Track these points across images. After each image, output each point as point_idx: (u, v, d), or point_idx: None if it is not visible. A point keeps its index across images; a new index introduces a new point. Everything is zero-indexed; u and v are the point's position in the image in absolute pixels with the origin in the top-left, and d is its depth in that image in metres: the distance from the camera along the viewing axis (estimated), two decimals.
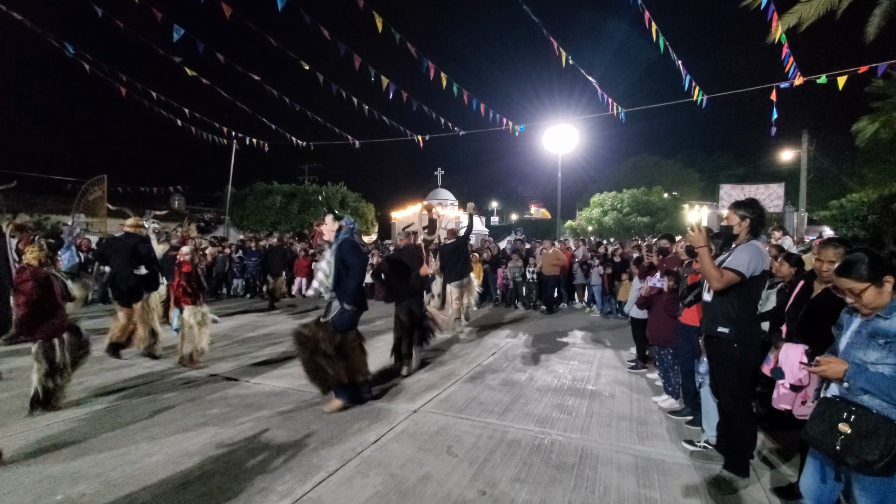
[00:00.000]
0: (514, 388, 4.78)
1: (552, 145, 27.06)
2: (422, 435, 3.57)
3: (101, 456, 3.14)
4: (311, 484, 2.82)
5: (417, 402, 4.30)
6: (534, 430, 3.72)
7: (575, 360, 6.02)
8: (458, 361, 5.83)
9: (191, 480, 2.84)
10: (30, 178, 20.71)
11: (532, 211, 52.15)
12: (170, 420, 3.79)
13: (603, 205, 28.86)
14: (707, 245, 2.93)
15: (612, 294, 9.80)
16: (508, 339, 7.24)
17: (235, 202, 22.34)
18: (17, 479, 2.83)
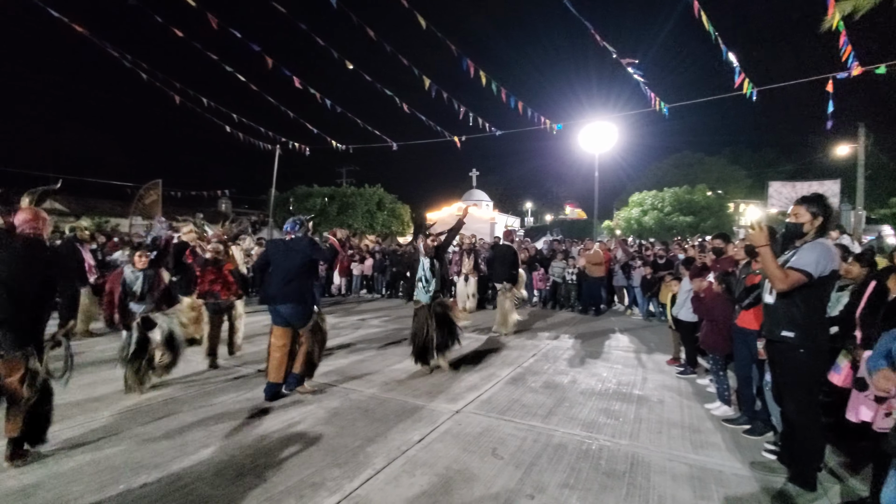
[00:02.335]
0: (557, 391, 4.68)
1: (589, 144, 26.52)
2: (465, 436, 3.54)
3: (159, 446, 3.29)
4: (359, 481, 2.85)
5: (459, 402, 4.28)
6: (580, 434, 3.63)
7: (619, 364, 5.84)
8: (498, 362, 5.77)
9: (244, 473, 2.93)
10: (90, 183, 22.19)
11: (567, 211, 51.27)
12: (222, 413, 3.94)
13: (642, 204, 28.02)
14: (769, 244, 2.77)
15: (655, 296, 9.46)
16: (548, 341, 7.12)
17: (278, 205, 23.10)
18: (81, 468, 3.00)
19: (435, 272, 5.38)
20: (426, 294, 5.35)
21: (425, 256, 5.45)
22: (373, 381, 4.93)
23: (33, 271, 3.04)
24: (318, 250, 4.38)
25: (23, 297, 2.96)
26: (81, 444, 3.31)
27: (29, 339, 3.01)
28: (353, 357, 5.93)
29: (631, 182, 36.41)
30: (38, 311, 3.10)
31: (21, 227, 3.09)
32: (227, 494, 2.68)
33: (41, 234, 3.19)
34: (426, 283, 5.35)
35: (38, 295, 3.08)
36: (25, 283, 2.98)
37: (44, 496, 2.65)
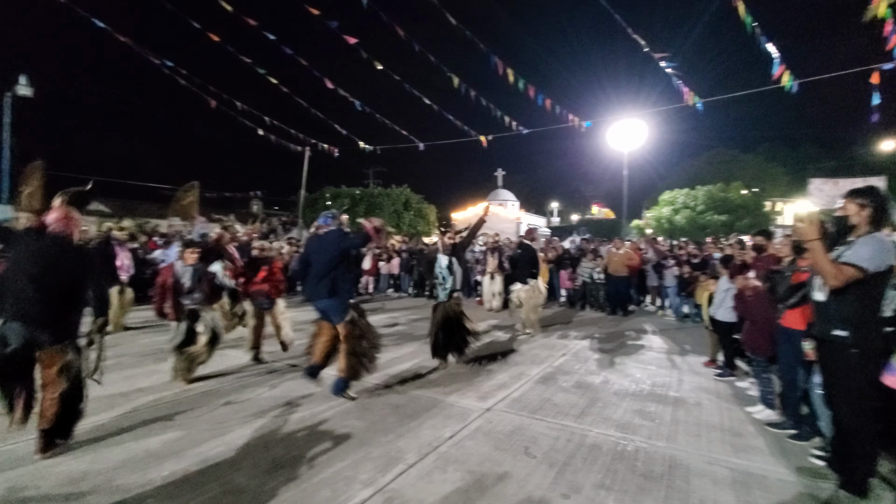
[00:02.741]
0: (589, 391, 4.59)
1: (618, 141, 25.98)
2: (497, 434, 3.51)
3: (198, 436, 3.39)
4: (392, 475, 2.86)
5: (489, 400, 4.25)
6: (615, 435, 3.54)
7: (653, 365, 5.69)
8: (527, 361, 5.70)
9: (279, 464, 2.99)
10: (131, 186, 23.18)
11: (594, 211, 50.37)
12: (257, 405, 4.03)
13: (674, 203, 27.22)
14: (820, 238, 2.63)
15: (689, 296, 9.17)
16: (578, 341, 6.99)
17: (308, 205, 23.56)
18: (126, 455, 3.11)
19: (452, 270, 5.35)
20: (443, 292, 5.35)
21: (443, 254, 5.44)
22: (401, 377, 4.95)
23: (63, 269, 3.12)
24: (348, 238, 4.35)
25: (53, 293, 3.03)
26: (126, 432, 3.44)
27: (65, 334, 3.10)
28: (383, 353, 5.95)
29: (661, 180, 35.45)
30: (71, 307, 3.18)
31: (52, 226, 3.18)
32: (264, 484, 2.74)
33: (71, 233, 3.27)
34: (443, 281, 5.35)
35: (70, 292, 3.15)
36: (55, 280, 3.05)
37: (92, 482, 2.76)
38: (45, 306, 2.99)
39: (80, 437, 3.31)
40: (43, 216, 3.24)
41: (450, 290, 5.32)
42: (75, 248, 3.34)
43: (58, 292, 3.07)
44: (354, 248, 4.51)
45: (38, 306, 2.97)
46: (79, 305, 3.25)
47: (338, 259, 4.24)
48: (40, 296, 2.98)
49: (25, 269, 3.01)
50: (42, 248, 3.09)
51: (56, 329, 3.05)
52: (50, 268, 3.05)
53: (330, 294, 4.21)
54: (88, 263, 3.43)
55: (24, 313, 2.95)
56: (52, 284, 3.04)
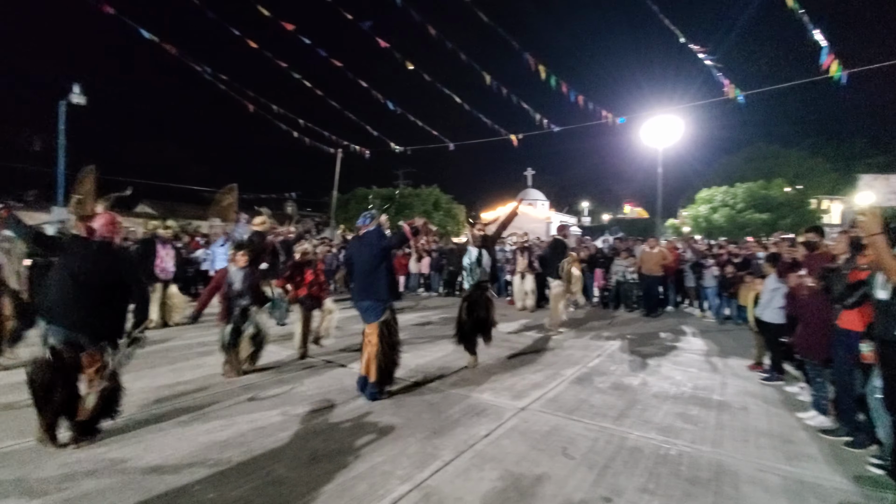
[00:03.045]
0: (627, 393, 4.47)
1: (652, 138, 25.26)
2: (533, 433, 3.46)
3: (240, 428, 3.49)
4: (429, 472, 2.86)
5: (524, 399, 4.19)
6: (657, 438, 3.43)
7: (693, 368, 5.49)
8: (561, 362, 5.61)
9: (318, 458, 3.04)
10: (175, 189, 24.23)
11: (626, 210, 49.17)
12: (296, 400, 4.11)
13: (712, 201, 26.25)
14: (883, 232, 2.47)
15: (732, 297, 8.81)
16: (613, 342, 6.83)
17: (339, 206, 23.98)
18: (173, 443, 3.23)
19: (481, 262, 5.31)
20: (470, 283, 5.33)
21: (472, 246, 5.41)
22: (434, 375, 4.95)
23: (107, 274, 3.23)
24: (385, 238, 4.38)
25: (96, 298, 3.14)
26: (172, 421, 3.58)
27: (105, 335, 3.20)
28: (415, 352, 5.99)
29: (698, 178, 34.20)
30: (112, 311, 3.28)
31: (100, 231, 3.32)
32: (303, 476, 2.79)
33: (115, 237, 3.41)
34: (470, 272, 5.32)
35: (112, 296, 3.26)
36: (99, 285, 3.17)
37: (142, 469, 2.88)
38: (87, 311, 3.10)
39: (129, 426, 3.48)
40: (90, 222, 3.38)
41: (477, 281, 5.29)
42: (119, 253, 3.48)
43: (100, 297, 3.16)
44: (392, 249, 4.48)
45: (81, 311, 3.08)
46: (120, 308, 3.34)
47: (377, 259, 4.23)
48: (83, 301, 3.09)
49: (72, 276, 3.11)
50: (88, 255, 3.21)
51: (96, 331, 3.15)
52: (95, 274, 3.16)
53: (370, 294, 4.22)
54: (131, 267, 3.53)
55: (68, 317, 3.07)
56: (95, 290, 3.14)
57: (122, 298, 3.35)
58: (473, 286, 5.25)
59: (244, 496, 2.57)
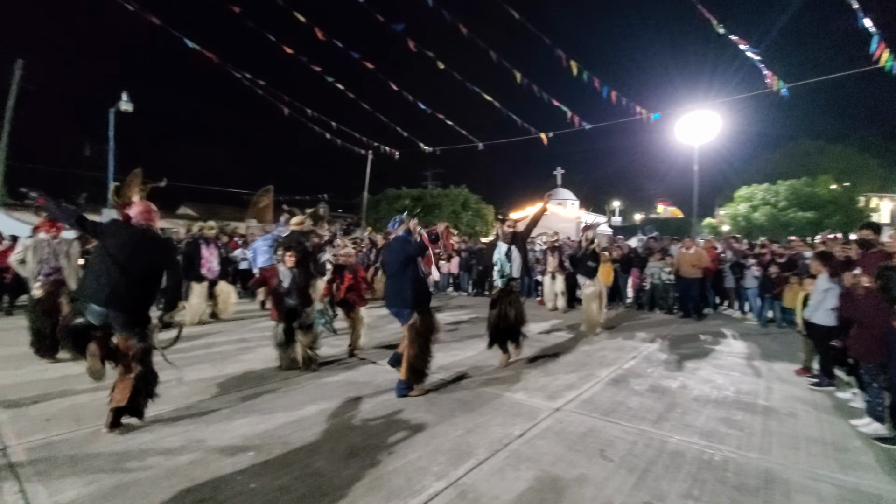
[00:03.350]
0: (665, 396, 4.34)
1: (688, 135, 24.49)
2: (569, 434, 3.40)
3: (281, 421, 3.58)
4: (464, 469, 2.85)
5: (558, 400, 4.13)
6: (699, 443, 3.31)
7: (736, 371, 5.27)
8: (595, 363, 5.50)
9: (355, 452, 3.07)
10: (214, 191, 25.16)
11: (659, 210, 47.82)
12: (332, 395, 4.19)
13: (752, 199, 25.24)
14: None
15: (776, 298, 8.42)
16: (648, 344, 6.64)
17: (370, 207, 24.29)
18: (216, 435, 3.34)
19: (511, 258, 5.25)
20: (500, 279, 5.28)
21: (502, 242, 5.36)
22: (467, 374, 4.94)
23: (145, 258, 3.34)
24: (409, 244, 4.36)
25: (135, 280, 3.25)
26: (214, 414, 3.71)
27: (140, 319, 3.31)
28: (446, 350, 5.99)
29: (736, 175, 32.88)
30: (148, 295, 3.39)
31: (136, 218, 3.43)
32: (341, 469, 2.83)
33: (152, 224, 3.52)
34: (501, 268, 5.26)
35: (149, 281, 3.38)
36: (137, 267, 3.27)
37: (187, 457, 2.99)
38: (126, 293, 3.20)
39: (174, 417, 3.62)
40: (127, 209, 3.49)
41: (508, 278, 5.24)
42: (156, 239, 3.57)
43: (138, 281, 3.27)
44: (413, 256, 4.34)
45: (120, 292, 3.18)
46: (154, 293, 3.46)
47: (402, 265, 4.26)
48: (122, 283, 3.19)
49: (112, 258, 3.22)
50: (127, 239, 3.32)
51: (132, 315, 3.26)
52: (133, 257, 3.27)
53: (397, 300, 4.28)
54: (168, 253, 3.64)
55: (107, 298, 3.16)
56: (133, 273, 3.24)
57: (155, 285, 3.46)
58: (504, 284, 5.21)
59: (285, 486, 2.63)
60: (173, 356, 3.55)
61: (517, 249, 5.27)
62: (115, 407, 3.27)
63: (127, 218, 3.44)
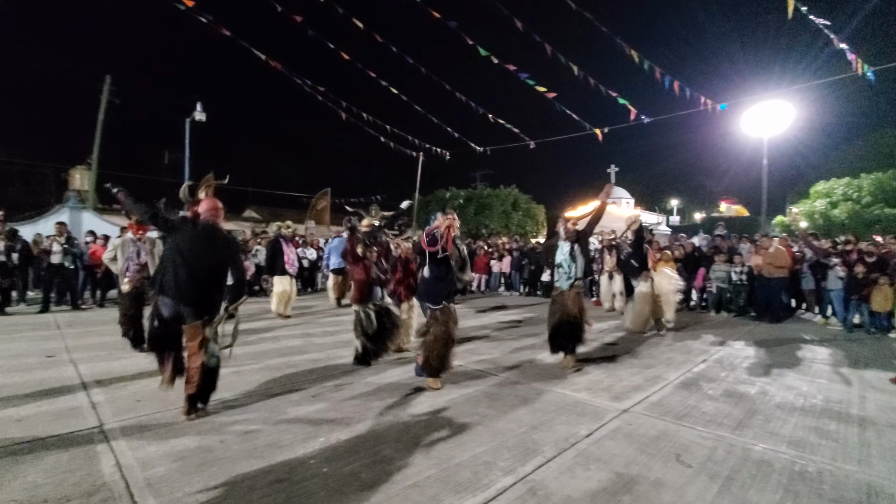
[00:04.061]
0: (743, 402, 4.05)
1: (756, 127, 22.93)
2: (640, 437, 3.24)
3: (347, 409, 3.68)
4: (531, 466, 2.79)
5: (625, 401, 3.96)
6: (788, 453, 3.05)
7: (822, 378, 4.84)
8: (661, 365, 5.23)
9: (419, 442, 3.10)
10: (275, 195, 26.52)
11: (722, 208, 44.98)
12: (393, 387, 4.27)
13: (831, 194, 23.16)
14: None
15: (863, 301, 7.67)
16: (719, 347, 6.24)
17: (421, 207, 24.59)
18: (289, 421, 3.48)
19: (575, 257, 5.07)
20: (566, 280, 5.08)
21: (565, 241, 5.18)
22: (526, 372, 4.86)
23: (211, 252, 3.50)
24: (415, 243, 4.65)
25: (202, 273, 3.40)
26: (284, 400, 3.87)
27: (206, 311, 3.44)
28: (503, 348, 5.95)
29: (812, 170, 30.24)
30: (214, 288, 3.52)
31: (204, 214, 3.60)
32: (408, 459, 2.85)
33: (218, 220, 3.67)
34: (566, 269, 5.08)
35: (215, 274, 3.52)
36: (205, 261, 3.44)
37: (263, 439, 3.13)
38: (194, 286, 3.38)
39: (248, 401, 3.82)
40: (195, 206, 3.67)
41: (573, 279, 5.07)
42: (221, 236, 3.74)
43: (205, 275, 3.43)
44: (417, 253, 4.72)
45: (188, 285, 3.36)
46: (221, 286, 3.61)
47: (419, 261, 4.50)
48: (191, 277, 3.37)
49: (180, 253, 3.42)
50: (195, 235, 3.50)
51: (200, 306, 3.42)
52: (201, 252, 3.44)
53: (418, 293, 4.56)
54: (232, 250, 3.81)
55: (177, 291, 3.36)
56: (200, 267, 3.41)
57: (221, 278, 3.61)
58: (568, 286, 5.04)
59: (356, 472, 2.68)
60: (246, 348, 3.74)
61: (580, 248, 5.09)
62: (189, 394, 3.46)
63: (196, 214, 3.63)
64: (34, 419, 3.46)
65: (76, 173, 16.05)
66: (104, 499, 2.41)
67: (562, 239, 5.18)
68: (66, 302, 9.32)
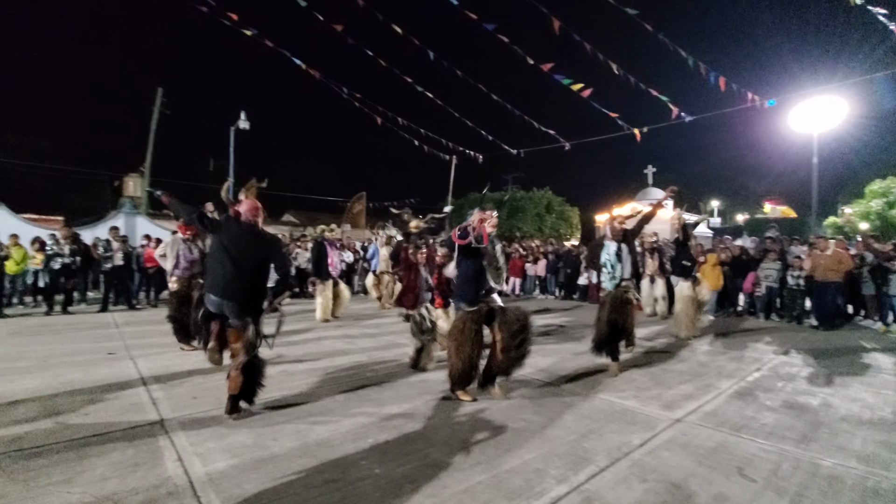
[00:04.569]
0: (805, 414, 3.83)
1: (805, 123, 21.78)
2: (697, 448, 3.12)
3: (393, 411, 3.71)
4: (584, 475, 2.73)
5: (677, 410, 3.82)
6: (859, 468, 2.87)
7: (889, 390, 4.53)
8: (712, 373, 5.03)
9: (468, 446, 3.08)
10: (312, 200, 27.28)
11: (766, 209, 42.91)
12: (437, 390, 4.24)
13: (888, 194, 21.79)
14: None
15: None
16: (773, 355, 5.95)
17: (453, 211, 24.60)
18: (339, 420, 3.53)
19: (622, 258, 4.89)
20: (610, 281, 4.92)
21: (611, 240, 5.02)
22: (570, 377, 4.78)
23: (254, 251, 3.58)
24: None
25: (246, 269, 3.46)
26: (330, 400, 3.95)
27: (249, 311, 3.50)
28: (545, 353, 5.85)
29: (867, 168, 28.45)
30: (257, 287, 3.58)
31: (244, 215, 3.69)
32: (458, 463, 2.84)
33: (258, 220, 3.76)
34: (611, 270, 4.90)
35: (258, 269, 3.58)
36: (249, 257, 3.52)
37: (314, 438, 3.19)
38: (238, 284, 3.46)
39: (300, 401, 3.91)
40: (237, 206, 3.78)
41: (618, 280, 4.92)
42: (263, 234, 3.82)
43: (249, 272, 3.50)
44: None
45: (234, 283, 3.45)
46: (263, 284, 3.69)
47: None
48: (235, 275, 3.45)
49: (226, 251, 3.51)
50: (239, 234, 3.60)
51: (244, 305, 3.49)
52: (244, 250, 3.53)
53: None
54: (275, 247, 3.89)
55: (222, 289, 3.46)
56: (245, 265, 3.49)
57: (264, 275, 3.68)
58: (614, 287, 4.90)
59: (408, 475, 2.70)
60: (290, 348, 3.83)
61: (627, 248, 4.94)
62: (232, 394, 3.54)
63: (237, 214, 3.73)
64: (100, 413, 3.66)
65: (129, 180, 16.95)
66: (169, 492, 2.51)
67: (608, 238, 5.04)
68: (122, 302, 9.85)
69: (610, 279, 4.88)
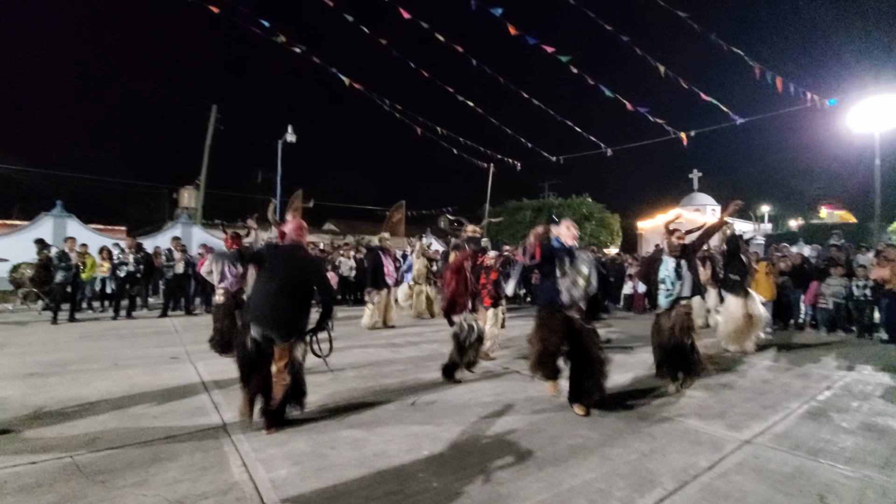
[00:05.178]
0: (886, 437, 3.55)
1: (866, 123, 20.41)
2: (771, 473, 2.93)
3: (446, 423, 3.70)
4: (651, 499, 2.61)
5: (744, 431, 3.62)
6: None
7: None
8: (777, 391, 4.74)
9: (525, 462, 3.03)
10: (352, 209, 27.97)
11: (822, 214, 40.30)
12: (488, 402, 4.23)
13: None
14: None
15: None
16: (843, 372, 5.56)
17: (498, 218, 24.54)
18: (393, 430, 3.56)
19: (681, 274, 4.67)
20: (666, 298, 4.68)
21: (669, 256, 4.80)
22: (624, 393, 4.62)
23: (296, 273, 3.58)
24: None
25: (288, 297, 3.46)
26: (384, 411, 3.98)
27: (294, 331, 3.50)
28: None
29: None
30: (300, 309, 3.58)
31: (290, 234, 3.75)
32: (517, 479, 2.78)
33: (303, 240, 3.82)
34: (670, 287, 4.66)
35: (301, 294, 3.58)
36: (291, 285, 3.49)
37: (370, 448, 3.22)
38: (281, 312, 3.45)
39: (353, 411, 3.96)
40: (283, 226, 3.85)
41: (675, 297, 4.68)
42: (306, 257, 3.85)
43: (290, 297, 3.49)
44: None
45: (277, 313, 3.44)
46: (307, 309, 3.68)
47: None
48: (279, 303, 3.44)
49: (270, 278, 3.54)
50: (280, 258, 3.62)
51: (288, 331, 3.48)
52: (286, 274, 3.53)
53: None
54: (317, 270, 3.92)
55: (266, 321, 3.46)
56: (287, 290, 3.48)
57: (307, 299, 3.69)
58: (669, 304, 4.64)
59: (465, 489, 2.67)
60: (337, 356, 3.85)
61: (687, 265, 4.69)
62: (269, 410, 3.52)
63: (282, 234, 3.80)
64: (167, 416, 3.84)
65: (185, 192, 17.94)
66: (237, 498, 2.58)
67: (665, 253, 4.82)
68: (180, 307, 10.37)
69: (666, 296, 4.67)
